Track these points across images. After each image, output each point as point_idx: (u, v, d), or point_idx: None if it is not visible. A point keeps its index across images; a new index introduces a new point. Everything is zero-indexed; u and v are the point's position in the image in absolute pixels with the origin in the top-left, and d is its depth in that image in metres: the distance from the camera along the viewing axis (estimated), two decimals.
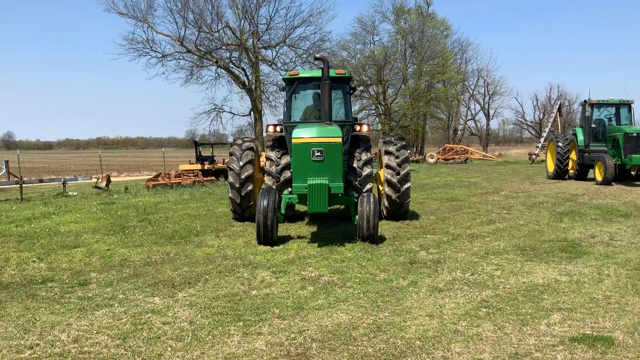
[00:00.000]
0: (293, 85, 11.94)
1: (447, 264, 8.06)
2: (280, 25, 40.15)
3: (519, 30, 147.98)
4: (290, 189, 10.36)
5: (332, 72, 11.55)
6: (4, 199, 17.84)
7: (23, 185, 18.37)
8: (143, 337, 5.31)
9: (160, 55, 38.24)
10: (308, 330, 5.45)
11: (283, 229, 11.32)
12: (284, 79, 12.24)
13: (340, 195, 9.90)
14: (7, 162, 22.84)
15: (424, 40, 50.93)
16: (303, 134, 9.73)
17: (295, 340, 5.19)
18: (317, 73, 11.67)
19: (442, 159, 45.04)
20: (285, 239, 10.23)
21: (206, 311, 6.02)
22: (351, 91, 12.44)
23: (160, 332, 5.44)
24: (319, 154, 9.55)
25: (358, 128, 12.15)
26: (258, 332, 5.41)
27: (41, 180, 21.66)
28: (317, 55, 10.57)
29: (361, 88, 11.65)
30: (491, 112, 69.62)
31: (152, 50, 37.94)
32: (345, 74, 11.99)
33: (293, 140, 9.77)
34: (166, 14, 41.08)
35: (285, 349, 5.01)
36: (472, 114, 70.01)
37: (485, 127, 70.14)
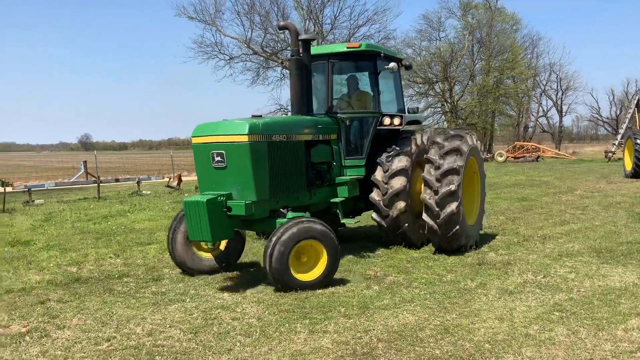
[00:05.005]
0: None
1: (518, 265, 7.83)
2: (344, 25, 40.16)
3: (593, 22, 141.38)
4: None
5: (343, 47, 9.06)
6: (82, 198, 18.77)
7: (100, 184, 19.27)
8: (213, 331, 5.47)
9: (228, 57, 39.15)
10: (374, 329, 5.44)
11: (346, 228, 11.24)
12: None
13: (252, 217, 7.17)
14: (85, 162, 24.08)
15: (492, 35, 49.52)
16: (201, 133, 7.32)
17: (361, 340, 5.19)
18: (328, 49, 9.18)
19: (512, 157, 43.68)
20: (350, 237, 10.24)
21: (273, 308, 6.12)
22: (378, 71, 9.17)
23: (229, 327, 5.58)
24: (219, 158, 7.08)
25: (387, 121, 9.03)
26: (324, 330, 5.45)
27: (117, 180, 22.65)
28: (282, 24, 8.56)
29: (391, 66, 7.85)
30: (564, 108, 66.88)
31: (220, 52, 38.91)
32: (360, 47, 8.94)
33: (192, 140, 7.43)
34: (233, 17, 42.03)
35: (351, 347, 5.03)
36: (543, 110, 67.53)
37: (558, 124, 67.55)
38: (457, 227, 8.37)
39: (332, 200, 8.60)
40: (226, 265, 7.87)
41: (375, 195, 8.75)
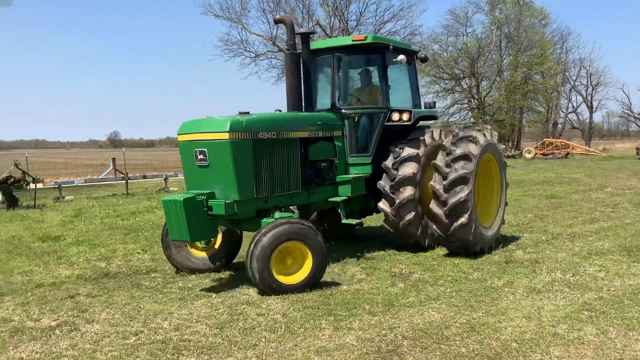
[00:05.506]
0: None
1: (546, 264, 7.71)
2: (370, 21, 40.02)
3: (624, 16, 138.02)
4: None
5: (348, 40, 8.71)
6: (111, 194, 19.06)
7: (128, 181, 19.56)
8: (239, 327, 5.50)
9: (254, 55, 39.41)
10: (399, 327, 5.41)
11: (372, 221, 11.23)
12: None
13: (236, 216, 7.01)
14: (114, 159, 24.44)
15: (520, 30, 48.80)
16: (186, 130, 7.13)
17: (386, 337, 5.18)
18: (333, 42, 8.92)
19: (541, 154, 43.04)
20: (374, 235, 10.21)
21: (298, 304, 6.13)
22: (386, 65, 8.73)
23: (255, 323, 5.61)
24: (202, 156, 6.87)
25: (396, 117, 8.63)
26: (349, 327, 5.45)
27: (145, 177, 23.00)
28: (277, 18, 8.40)
29: (399, 59, 7.65)
30: (594, 104, 65.79)
31: (245, 50, 39.20)
32: (366, 39, 8.55)
33: (178, 138, 7.27)
34: (259, 14, 42.25)
35: (375, 345, 5.01)
36: (573, 106, 66.47)
37: (588, 120, 66.41)
38: (470, 237, 8.00)
39: (332, 199, 8.24)
40: (221, 265, 7.76)
41: (383, 205, 8.42)
